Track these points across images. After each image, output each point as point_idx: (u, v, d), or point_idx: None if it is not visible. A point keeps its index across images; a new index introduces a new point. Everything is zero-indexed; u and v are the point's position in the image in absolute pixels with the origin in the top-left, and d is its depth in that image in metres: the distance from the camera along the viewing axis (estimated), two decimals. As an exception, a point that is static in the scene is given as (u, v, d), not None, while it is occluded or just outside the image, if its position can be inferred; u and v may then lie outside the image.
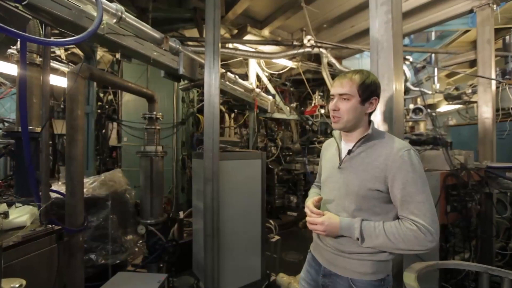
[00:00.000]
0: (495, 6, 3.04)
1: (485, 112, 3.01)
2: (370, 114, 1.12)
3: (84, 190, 2.45)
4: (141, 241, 2.68)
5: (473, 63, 5.26)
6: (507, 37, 4.29)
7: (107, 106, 4.51)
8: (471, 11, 3.17)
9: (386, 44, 1.33)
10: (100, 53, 4.20)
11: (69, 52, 4.40)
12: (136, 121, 4.03)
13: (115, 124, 4.57)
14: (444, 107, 5.91)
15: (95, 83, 3.55)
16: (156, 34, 1.90)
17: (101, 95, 4.73)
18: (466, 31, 5.52)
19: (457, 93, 5.10)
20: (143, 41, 1.87)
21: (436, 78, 5.40)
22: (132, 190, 2.91)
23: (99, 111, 4.43)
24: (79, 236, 1.87)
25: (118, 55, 1.91)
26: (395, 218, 1.04)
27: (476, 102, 4.77)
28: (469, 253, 2.26)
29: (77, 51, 3.87)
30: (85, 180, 2.57)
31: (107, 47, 1.81)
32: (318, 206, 1.15)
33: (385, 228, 0.97)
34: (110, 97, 4.71)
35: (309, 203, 1.15)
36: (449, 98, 5.18)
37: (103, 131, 4.61)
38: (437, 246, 0.89)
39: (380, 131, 1.13)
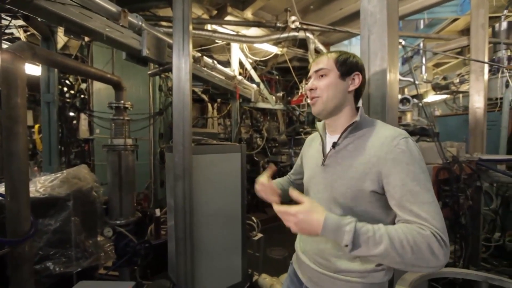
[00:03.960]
0: (490, -12, 2.87)
1: (477, 101, 2.88)
2: (357, 97, 0.92)
3: (41, 189, 2.18)
4: (108, 244, 2.43)
5: (459, 54, 5.19)
6: (497, 25, 4.20)
7: (77, 95, 4.11)
8: (465, -8, 2.98)
9: (379, 17, 1.10)
10: (63, 35, 3.77)
11: (28, 33, 3.93)
12: (107, 112, 3.68)
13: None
14: (430, 97, 5.87)
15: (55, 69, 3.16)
16: (111, 7, 1.58)
17: (73, 82, 4.32)
18: (455, 20, 5.46)
19: (444, 82, 5.04)
20: (93, 14, 1.56)
21: (424, 68, 5.32)
22: (100, 188, 2.63)
23: (68, 100, 4.05)
24: (24, 246, 1.60)
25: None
26: None
27: (463, 92, 4.73)
28: (456, 246, 2.19)
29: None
30: (44, 177, 2.29)
31: (44, 18, 1.49)
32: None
33: (388, 232, 0.70)
34: (84, 85, 4.30)
35: (262, 178, 1.08)
36: (437, 87, 5.11)
37: (74, 122, 4.24)
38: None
39: (370, 118, 0.92)
